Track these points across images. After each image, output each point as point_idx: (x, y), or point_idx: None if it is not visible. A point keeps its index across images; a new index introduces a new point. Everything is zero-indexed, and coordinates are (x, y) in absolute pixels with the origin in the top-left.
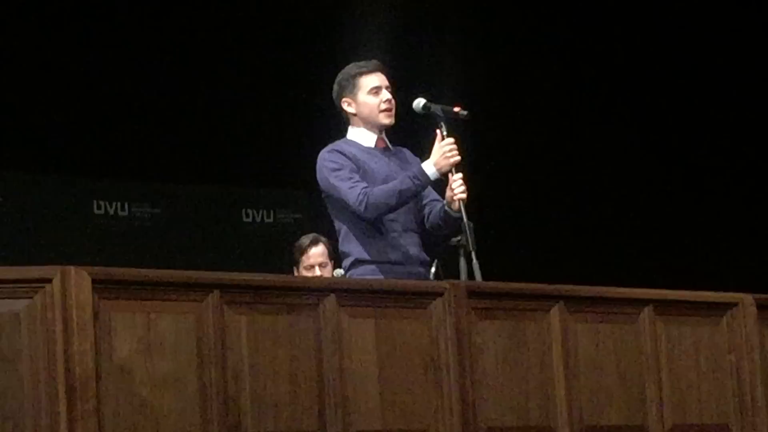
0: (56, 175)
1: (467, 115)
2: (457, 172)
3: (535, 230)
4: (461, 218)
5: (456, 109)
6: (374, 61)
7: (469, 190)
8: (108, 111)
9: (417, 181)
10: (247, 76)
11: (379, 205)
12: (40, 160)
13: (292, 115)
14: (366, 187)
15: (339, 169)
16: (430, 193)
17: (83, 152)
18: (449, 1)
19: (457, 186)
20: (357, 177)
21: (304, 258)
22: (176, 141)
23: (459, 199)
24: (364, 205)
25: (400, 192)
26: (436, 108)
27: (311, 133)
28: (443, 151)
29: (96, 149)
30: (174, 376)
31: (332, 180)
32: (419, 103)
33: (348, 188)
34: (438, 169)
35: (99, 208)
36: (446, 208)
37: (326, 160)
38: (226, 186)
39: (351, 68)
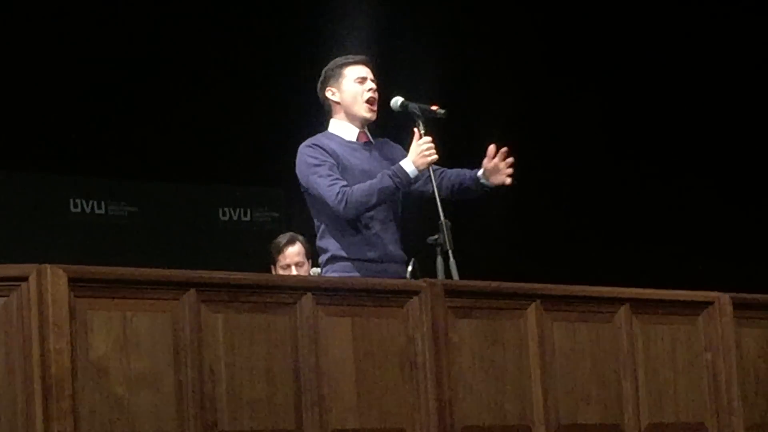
0: (33, 172)
1: (444, 113)
2: (433, 170)
3: (511, 229)
4: (441, 227)
5: (433, 108)
6: (362, 55)
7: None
8: (85, 109)
9: (397, 179)
10: (225, 74)
11: (358, 204)
12: (17, 158)
13: (269, 113)
14: (345, 186)
15: (318, 166)
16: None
17: (60, 150)
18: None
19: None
20: (336, 174)
21: (280, 258)
22: (153, 139)
23: (505, 177)
24: (343, 204)
25: (380, 190)
26: (414, 106)
27: (289, 132)
28: (420, 150)
29: (73, 147)
30: (150, 375)
31: (311, 177)
32: (396, 101)
33: (327, 186)
34: (416, 167)
35: (75, 206)
36: (482, 180)
37: (306, 155)
38: (203, 184)
39: (339, 59)
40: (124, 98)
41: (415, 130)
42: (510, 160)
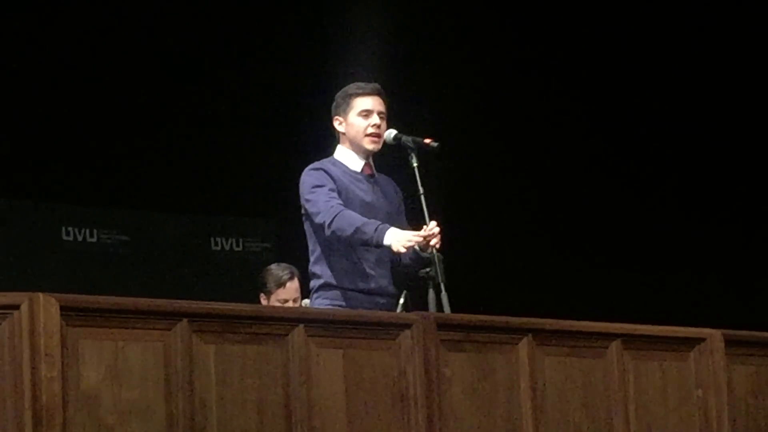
0: (25, 200)
1: (437, 146)
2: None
3: (504, 263)
4: (432, 260)
5: (426, 141)
6: (374, 84)
7: (442, 238)
8: (77, 137)
9: (374, 234)
10: (217, 105)
11: (340, 228)
12: (9, 186)
13: (262, 144)
14: (342, 205)
15: (320, 186)
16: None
17: (52, 178)
18: (423, 35)
19: (432, 236)
20: (336, 196)
21: (280, 291)
22: (146, 168)
23: (433, 246)
24: (332, 217)
25: (358, 230)
26: (407, 139)
27: (281, 163)
28: (409, 238)
29: (65, 175)
30: (141, 405)
31: (310, 195)
32: (390, 133)
33: (324, 201)
34: (393, 245)
35: (68, 234)
36: (417, 248)
37: (309, 176)
38: (195, 214)
39: (350, 87)
40: (117, 127)
41: (425, 227)
42: (434, 236)
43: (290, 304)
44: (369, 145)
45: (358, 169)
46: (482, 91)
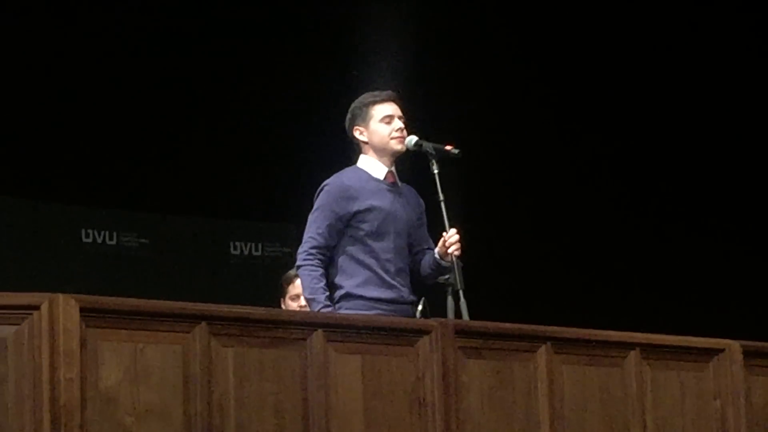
0: (46, 202)
1: (458, 153)
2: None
3: (523, 271)
4: (451, 267)
5: (447, 148)
6: (389, 91)
7: (462, 245)
8: (98, 141)
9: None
10: (237, 109)
11: (300, 279)
12: (30, 187)
13: (281, 148)
14: (320, 251)
15: (319, 210)
16: (425, 241)
17: (73, 180)
18: (445, 42)
19: (452, 243)
20: (324, 230)
21: (290, 288)
22: (166, 172)
23: (452, 254)
24: (300, 262)
25: (306, 299)
26: (428, 146)
27: (300, 168)
28: None
29: (86, 178)
30: (159, 407)
31: (310, 215)
32: (411, 140)
33: (308, 236)
34: None
35: (87, 236)
36: (437, 256)
37: (323, 192)
38: (214, 218)
39: (365, 97)
40: (138, 131)
41: (445, 234)
42: (453, 244)
43: (302, 298)
44: (397, 145)
45: (381, 177)
46: (504, 99)
